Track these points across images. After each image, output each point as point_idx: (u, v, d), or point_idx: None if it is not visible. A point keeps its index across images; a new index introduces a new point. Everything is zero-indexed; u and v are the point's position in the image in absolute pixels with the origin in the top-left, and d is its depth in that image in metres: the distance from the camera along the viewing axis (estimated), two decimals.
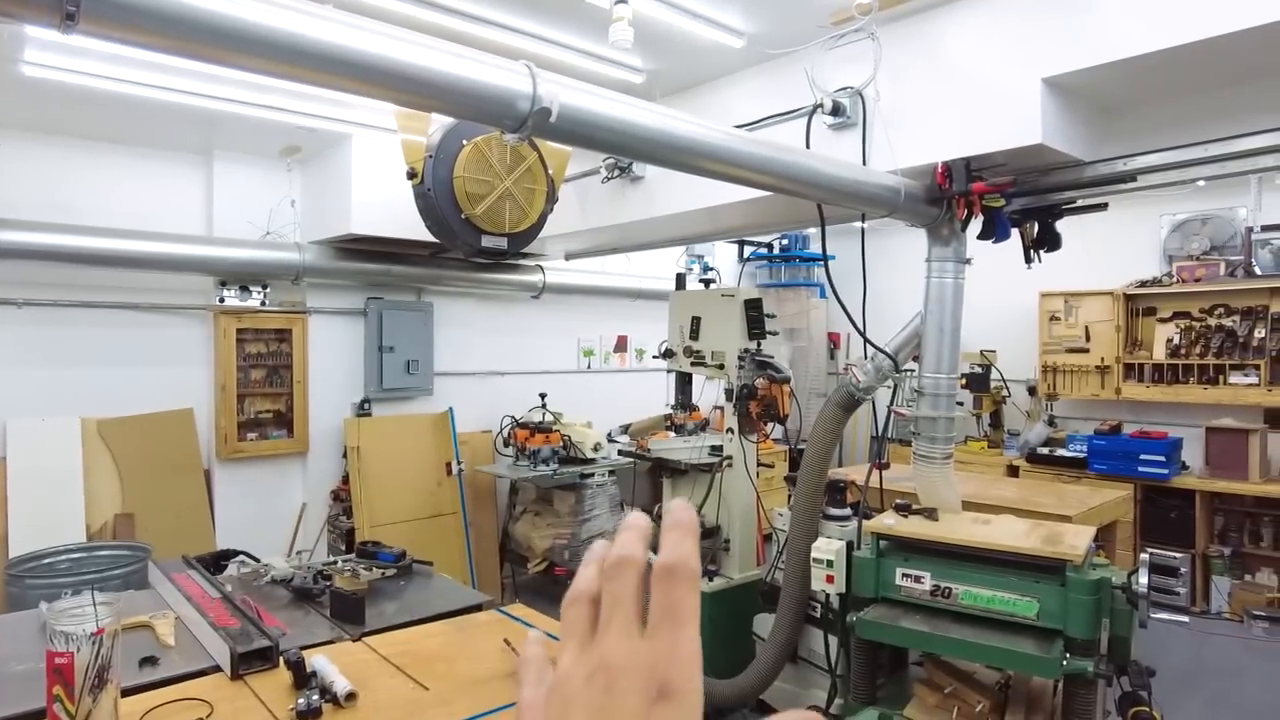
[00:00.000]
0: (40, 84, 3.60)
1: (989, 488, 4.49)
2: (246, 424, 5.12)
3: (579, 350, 6.86)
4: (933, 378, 3.28)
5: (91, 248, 4.20)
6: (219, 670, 1.92)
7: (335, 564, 2.73)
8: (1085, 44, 2.58)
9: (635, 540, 0.39)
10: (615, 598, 0.37)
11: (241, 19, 1.35)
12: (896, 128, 3.11)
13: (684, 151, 2.20)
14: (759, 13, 3.19)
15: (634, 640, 0.36)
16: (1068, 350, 6.17)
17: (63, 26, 1.18)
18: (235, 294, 4.98)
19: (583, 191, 4.78)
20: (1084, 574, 2.58)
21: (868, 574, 2.99)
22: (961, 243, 3.19)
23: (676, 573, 0.36)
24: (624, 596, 0.37)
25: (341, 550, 5.16)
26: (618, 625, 0.36)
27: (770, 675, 3.56)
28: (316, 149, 4.91)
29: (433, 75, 1.64)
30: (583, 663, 0.36)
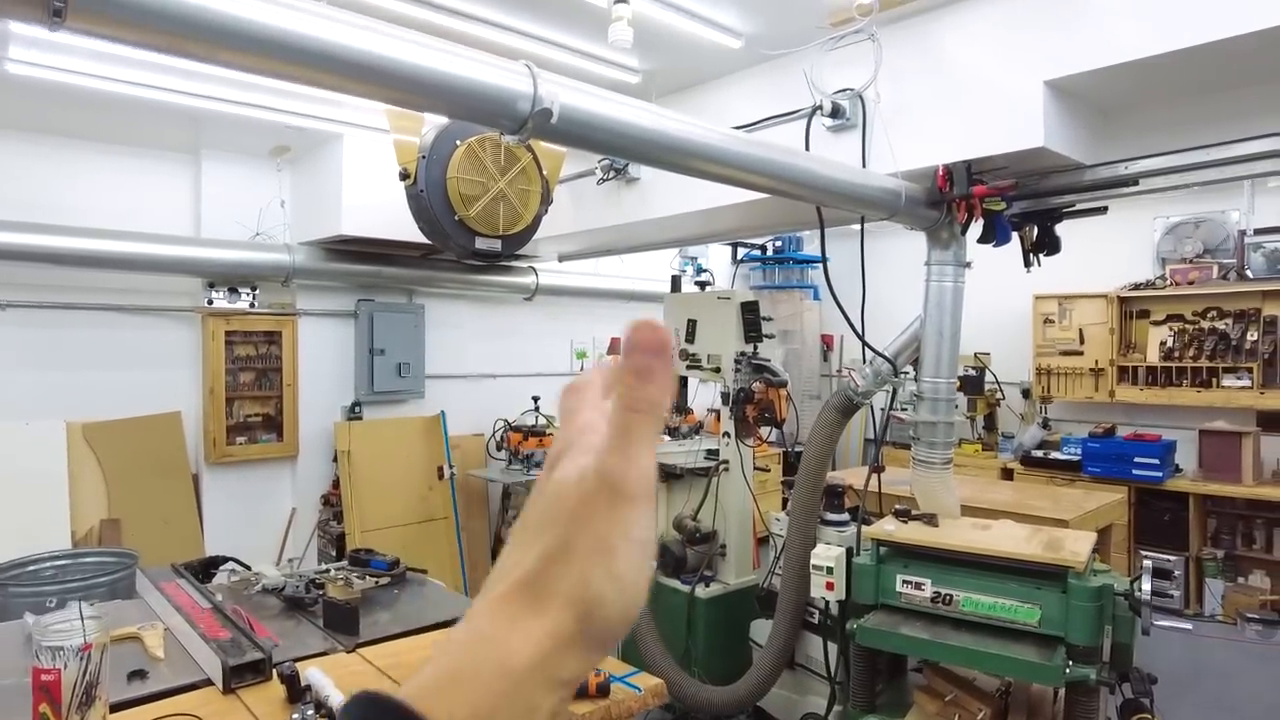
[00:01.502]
0: (25, 81, 3.54)
1: (985, 491, 4.48)
2: (235, 427, 5.05)
3: (573, 352, 6.82)
4: (932, 382, 3.26)
5: (76, 248, 4.13)
6: (210, 684, 1.87)
7: (328, 572, 2.68)
8: (1086, 47, 2.57)
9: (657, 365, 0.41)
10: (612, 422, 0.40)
11: (233, 15, 1.31)
12: (897, 130, 3.08)
13: (686, 154, 2.17)
14: (757, 13, 3.17)
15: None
16: (1062, 353, 6.17)
17: (50, 24, 1.13)
18: (224, 296, 4.91)
19: (577, 193, 4.74)
20: (1086, 581, 2.56)
21: (867, 581, 2.96)
22: (962, 246, 3.18)
23: (639, 401, 0.40)
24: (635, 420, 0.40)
25: (332, 556, 5.10)
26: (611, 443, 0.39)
27: (768, 682, 3.53)
28: (306, 149, 4.85)
29: (430, 75, 1.59)
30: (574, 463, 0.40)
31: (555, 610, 0.36)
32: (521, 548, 0.38)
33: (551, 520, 0.38)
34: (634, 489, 0.38)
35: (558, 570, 0.37)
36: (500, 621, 0.36)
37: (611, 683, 1.95)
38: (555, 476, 0.40)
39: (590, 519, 0.38)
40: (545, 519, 0.39)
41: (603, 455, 0.39)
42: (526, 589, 0.37)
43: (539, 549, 0.38)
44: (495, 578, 0.39)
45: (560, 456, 0.41)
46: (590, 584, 0.37)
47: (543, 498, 0.40)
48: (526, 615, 0.36)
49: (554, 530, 0.38)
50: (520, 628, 0.36)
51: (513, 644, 0.35)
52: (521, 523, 0.40)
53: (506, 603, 0.37)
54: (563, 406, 0.45)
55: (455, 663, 0.35)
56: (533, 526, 0.39)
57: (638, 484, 0.38)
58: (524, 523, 0.40)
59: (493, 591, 0.38)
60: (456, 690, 0.34)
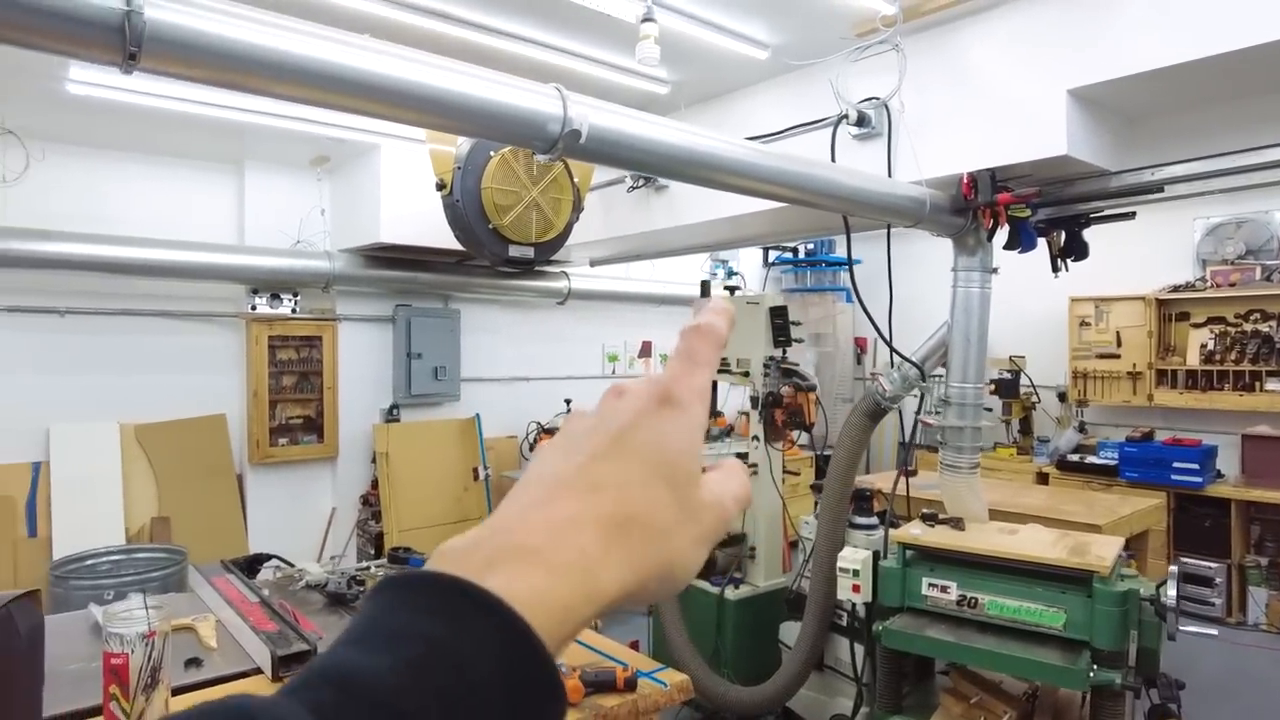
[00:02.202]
0: (84, 101, 3.72)
1: (1016, 495, 4.47)
2: (278, 429, 5.22)
3: (604, 355, 6.91)
4: (959, 387, 3.28)
5: (128, 257, 4.32)
6: (259, 672, 1.97)
7: (368, 569, 2.79)
8: (1109, 56, 2.59)
9: (717, 320, 0.45)
10: (675, 350, 0.44)
11: (284, 51, 1.41)
12: (921, 138, 3.12)
13: (711, 169, 2.24)
14: (783, 25, 3.22)
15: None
16: (1098, 356, 6.10)
17: (125, 66, 1.25)
18: (267, 302, 5.08)
19: (608, 200, 4.82)
20: (1111, 585, 2.57)
21: (894, 583, 2.99)
22: (988, 252, 3.19)
23: (702, 331, 0.44)
24: (681, 350, 0.44)
25: (371, 554, 5.24)
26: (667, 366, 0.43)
27: (796, 683, 3.57)
28: (346, 159, 5.00)
29: (464, 100, 1.68)
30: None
31: (637, 555, 0.37)
32: (600, 457, 0.38)
33: (604, 430, 0.39)
34: (682, 396, 0.40)
35: (635, 494, 0.37)
36: (603, 541, 0.36)
37: (639, 678, 2.02)
38: (604, 402, 0.42)
39: (640, 426, 0.39)
40: (594, 428, 0.40)
41: (659, 374, 0.42)
42: (614, 516, 0.37)
43: (616, 467, 0.38)
44: (571, 473, 0.38)
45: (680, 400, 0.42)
46: (673, 557, 0.38)
47: (589, 416, 0.41)
48: (623, 545, 0.36)
49: (606, 440, 0.39)
50: (617, 557, 0.36)
51: (607, 574, 0.35)
52: (565, 434, 0.41)
53: (599, 524, 0.36)
54: (686, 344, 0.45)
55: (552, 583, 0.34)
56: (581, 435, 0.40)
57: (688, 392, 0.41)
58: (568, 434, 0.41)
59: (569, 495, 0.37)
60: (548, 596, 0.33)
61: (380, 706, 0.28)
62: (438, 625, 0.30)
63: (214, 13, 1.33)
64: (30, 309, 4.44)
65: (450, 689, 0.29)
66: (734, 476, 0.44)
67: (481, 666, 0.30)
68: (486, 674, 0.30)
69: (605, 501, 0.37)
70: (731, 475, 0.44)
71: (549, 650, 0.32)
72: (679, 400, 0.41)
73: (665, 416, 0.40)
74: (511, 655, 0.30)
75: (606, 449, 0.39)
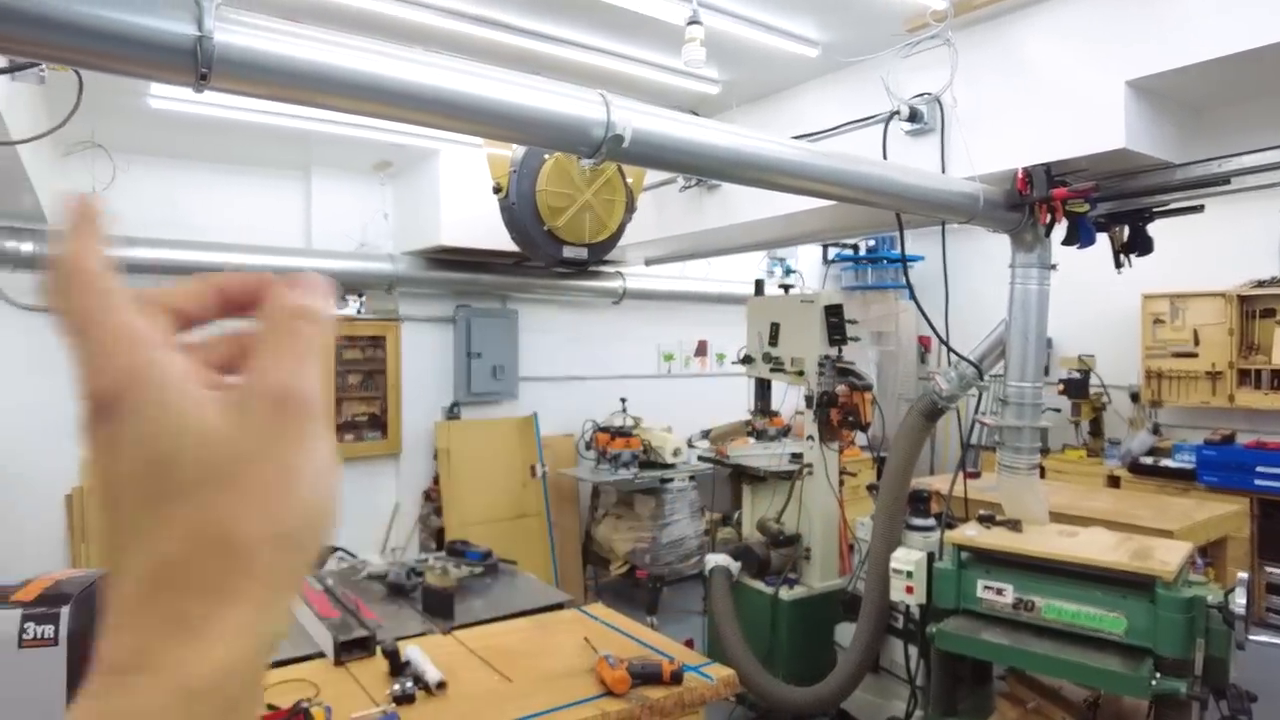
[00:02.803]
0: (163, 115, 3.94)
1: (1083, 499, 4.34)
2: (344, 426, 5.41)
3: (659, 355, 6.94)
4: (1017, 386, 3.21)
5: (205, 261, 4.54)
6: (323, 656, 2.08)
7: (427, 561, 2.89)
8: (1171, 45, 2.49)
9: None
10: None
11: (346, 68, 1.50)
12: (975, 133, 3.06)
13: (756, 169, 2.25)
14: (833, 23, 3.21)
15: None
16: (1174, 355, 5.85)
17: (196, 86, 1.34)
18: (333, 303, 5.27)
19: (661, 199, 4.86)
20: (1175, 591, 2.49)
21: (948, 585, 2.95)
22: (1046, 248, 3.12)
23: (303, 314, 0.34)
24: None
25: (432, 548, 5.39)
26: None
27: (850, 684, 3.55)
28: (407, 164, 5.16)
29: (512, 109, 1.74)
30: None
31: (244, 572, 0.28)
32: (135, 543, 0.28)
33: (191, 472, 0.28)
34: (317, 405, 0.31)
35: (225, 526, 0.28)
36: (154, 644, 0.26)
37: (685, 671, 2.05)
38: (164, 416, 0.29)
39: (268, 450, 0.29)
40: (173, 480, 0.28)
41: (269, 372, 0.31)
42: (178, 579, 0.27)
43: (172, 527, 0.27)
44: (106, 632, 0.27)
45: (120, 396, 0.29)
46: (283, 519, 0.29)
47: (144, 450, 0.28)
48: (198, 614, 0.27)
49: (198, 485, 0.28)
50: (197, 632, 0.26)
51: (188, 662, 0.26)
52: (113, 520, 0.29)
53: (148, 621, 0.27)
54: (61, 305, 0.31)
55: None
56: (141, 504, 0.28)
57: (318, 399, 0.31)
58: (116, 512, 0.29)
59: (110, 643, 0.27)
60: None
61: None
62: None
63: (277, 34, 1.42)
64: None
65: None
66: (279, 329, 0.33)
67: None
68: None
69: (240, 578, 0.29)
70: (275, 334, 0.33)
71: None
72: (315, 412, 0.32)
73: (302, 439, 0.32)
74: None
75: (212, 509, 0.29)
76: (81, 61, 1.31)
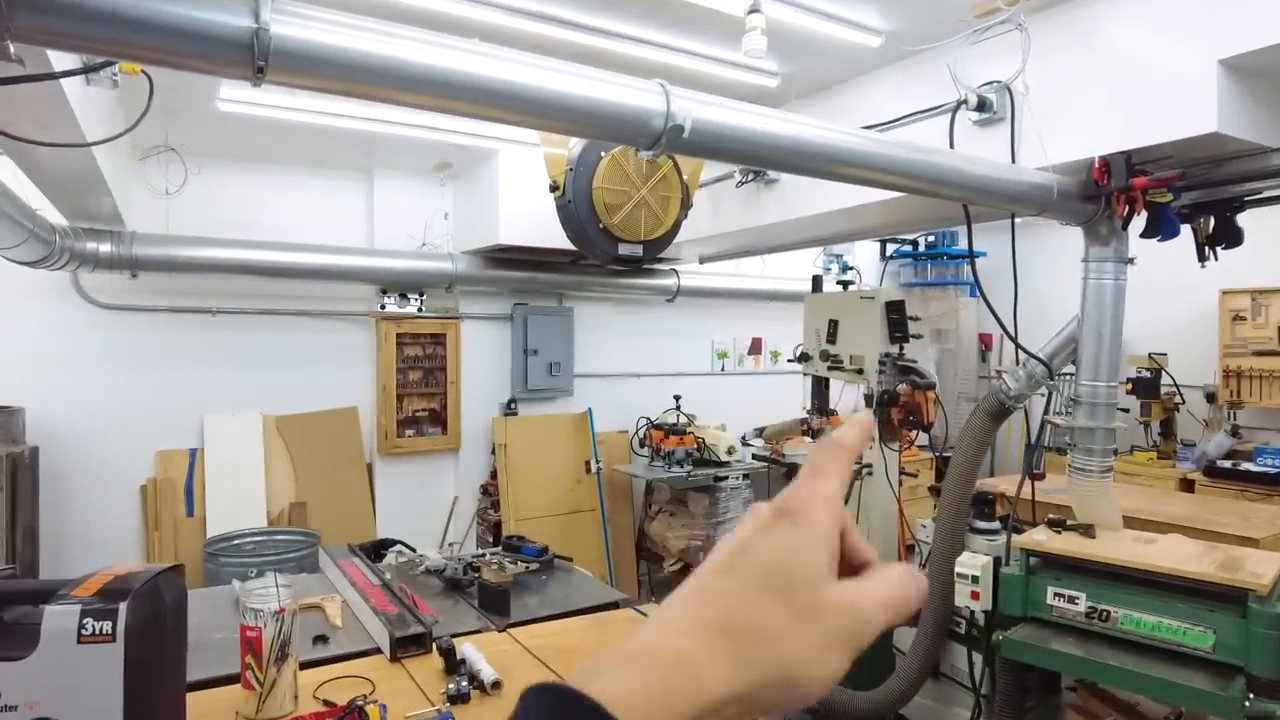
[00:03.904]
0: (232, 117, 4.05)
1: (1157, 503, 4.14)
2: (404, 421, 5.50)
3: (713, 352, 6.89)
4: (1090, 385, 3.07)
5: (272, 261, 4.66)
6: (379, 652, 2.09)
7: (483, 556, 2.90)
8: (1271, 19, 2.33)
9: (847, 431, 0.49)
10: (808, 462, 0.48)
11: (403, 59, 1.50)
12: (1048, 122, 2.93)
13: (819, 158, 2.19)
14: (896, 10, 3.11)
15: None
16: (1255, 353, 5.55)
17: (254, 79, 1.35)
18: (395, 301, 5.36)
19: (716, 196, 4.80)
20: (1271, 606, 2.34)
21: (1015, 592, 2.84)
22: (1122, 241, 2.97)
23: (829, 442, 0.48)
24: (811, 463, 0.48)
25: (489, 541, 5.45)
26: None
27: (910, 690, 3.46)
28: (467, 165, 5.21)
29: (570, 100, 1.72)
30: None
31: (753, 657, 0.39)
32: (716, 572, 0.43)
33: (724, 549, 0.44)
34: (799, 505, 0.43)
35: (764, 616, 0.40)
36: (705, 642, 0.39)
37: None
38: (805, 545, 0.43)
39: (820, 616, 0.41)
40: (718, 548, 0.44)
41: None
42: (731, 612, 0.40)
43: (727, 580, 0.42)
44: (690, 590, 0.43)
45: (798, 512, 0.44)
46: (794, 666, 0.40)
47: (779, 548, 0.43)
48: (729, 648, 0.39)
49: (723, 557, 0.43)
50: (721, 657, 0.39)
51: (711, 671, 0.38)
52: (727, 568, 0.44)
53: (712, 628, 0.40)
54: (810, 460, 0.48)
55: (655, 679, 0.37)
56: (750, 571, 0.43)
57: (808, 499, 0.43)
58: (732, 568, 0.43)
59: (684, 608, 0.42)
60: (650, 704, 0.36)
61: None
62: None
63: (335, 25, 1.43)
64: (188, 309, 4.86)
65: None
66: (888, 582, 0.45)
67: None
68: None
69: (712, 611, 0.41)
70: (885, 580, 0.45)
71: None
72: (794, 510, 0.44)
73: (779, 528, 0.43)
74: None
75: (721, 564, 0.43)
76: (140, 56, 1.33)
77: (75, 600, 1.02)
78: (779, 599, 0.41)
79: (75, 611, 1.01)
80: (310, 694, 1.78)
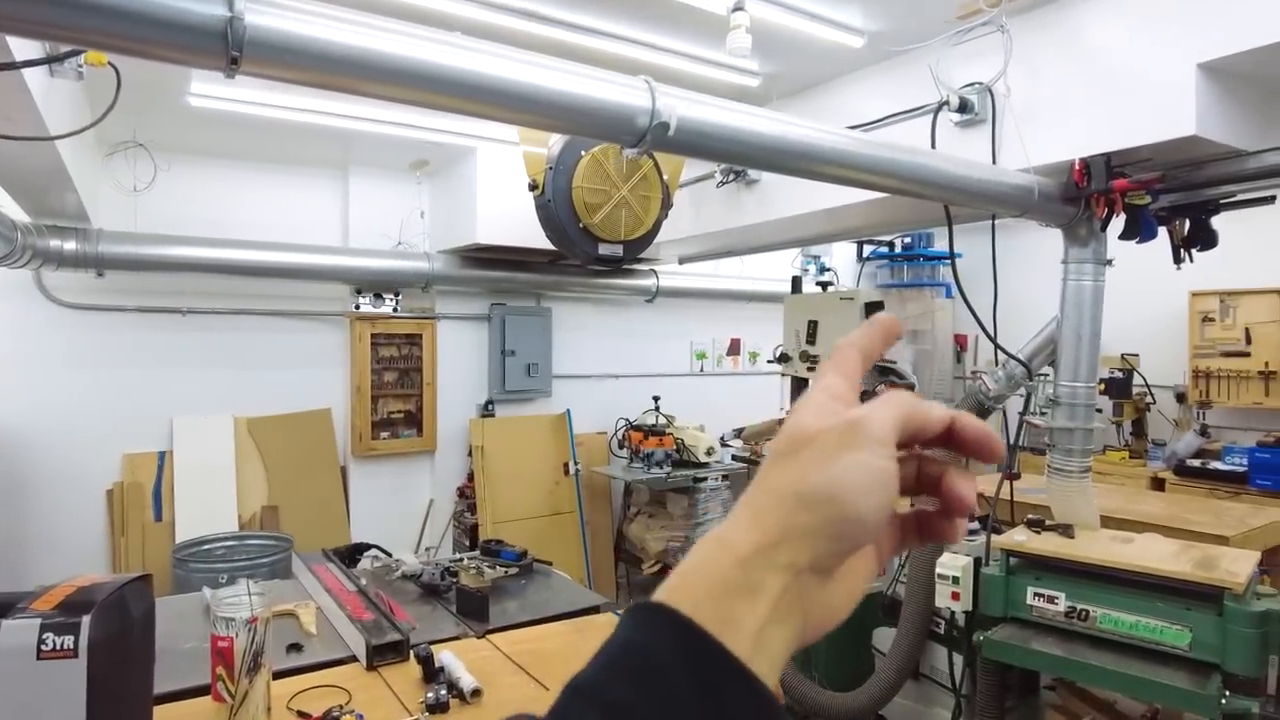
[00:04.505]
0: (203, 112, 3.95)
1: (1132, 502, 4.18)
2: (379, 423, 5.42)
3: (692, 353, 6.88)
4: (1069, 386, 3.09)
5: (244, 260, 4.56)
6: (355, 660, 2.04)
7: (461, 561, 2.85)
8: (1249, 23, 2.35)
9: (862, 335, 0.53)
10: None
11: (382, 52, 1.45)
12: (1029, 123, 2.94)
13: (804, 158, 2.17)
14: (879, 11, 3.10)
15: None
16: (1223, 354, 5.65)
17: (228, 71, 1.30)
18: (370, 301, 5.28)
19: (697, 196, 4.78)
20: (1247, 605, 2.36)
21: (996, 592, 2.85)
22: (1101, 243, 2.99)
23: (844, 343, 0.52)
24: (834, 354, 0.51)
25: (466, 545, 5.38)
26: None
27: (890, 691, 3.46)
28: (444, 163, 5.14)
29: (553, 95, 1.68)
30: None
31: (775, 507, 0.42)
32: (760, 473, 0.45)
33: (787, 446, 0.44)
34: (870, 428, 0.43)
35: (781, 475, 0.43)
36: (730, 524, 0.42)
37: None
38: (798, 419, 0.45)
39: (818, 440, 0.43)
40: (781, 448, 0.44)
41: (864, 409, 0.45)
42: (752, 496, 0.43)
43: (768, 466, 0.44)
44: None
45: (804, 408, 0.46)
46: (806, 479, 0.42)
47: (783, 433, 0.45)
48: (751, 515, 0.42)
49: (787, 452, 0.44)
50: (745, 524, 0.42)
51: (737, 537, 0.41)
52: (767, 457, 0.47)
53: (738, 511, 0.43)
54: (832, 357, 0.51)
55: (693, 560, 0.42)
56: (770, 456, 0.45)
57: (874, 425, 0.43)
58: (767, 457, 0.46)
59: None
60: (694, 578, 0.41)
61: (589, 699, 0.38)
62: (626, 630, 0.40)
63: (311, 16, 1.38)
64: (157, 309, 4.75)
65: (634, 668, 0.38)
66: (886, 402, 0.46)
67: (658, 648, 0.38)
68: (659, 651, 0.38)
69: (773, 508, 0.43)
70: (883, 401, 0.46)
71: (691, 615, 0.39)
72: (864, 429, 0.44)
73: (845, 439, 0.43)
74: (673, 633, 0.39)
75: (783, 463, 0.44)
76: (107, 44, 1.27)
77: (35, 614, 0.97)
78: (783, 458, 0.43)
79: (35, 626, 0.95)
80: (284, 705, 1.73)
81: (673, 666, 0.37)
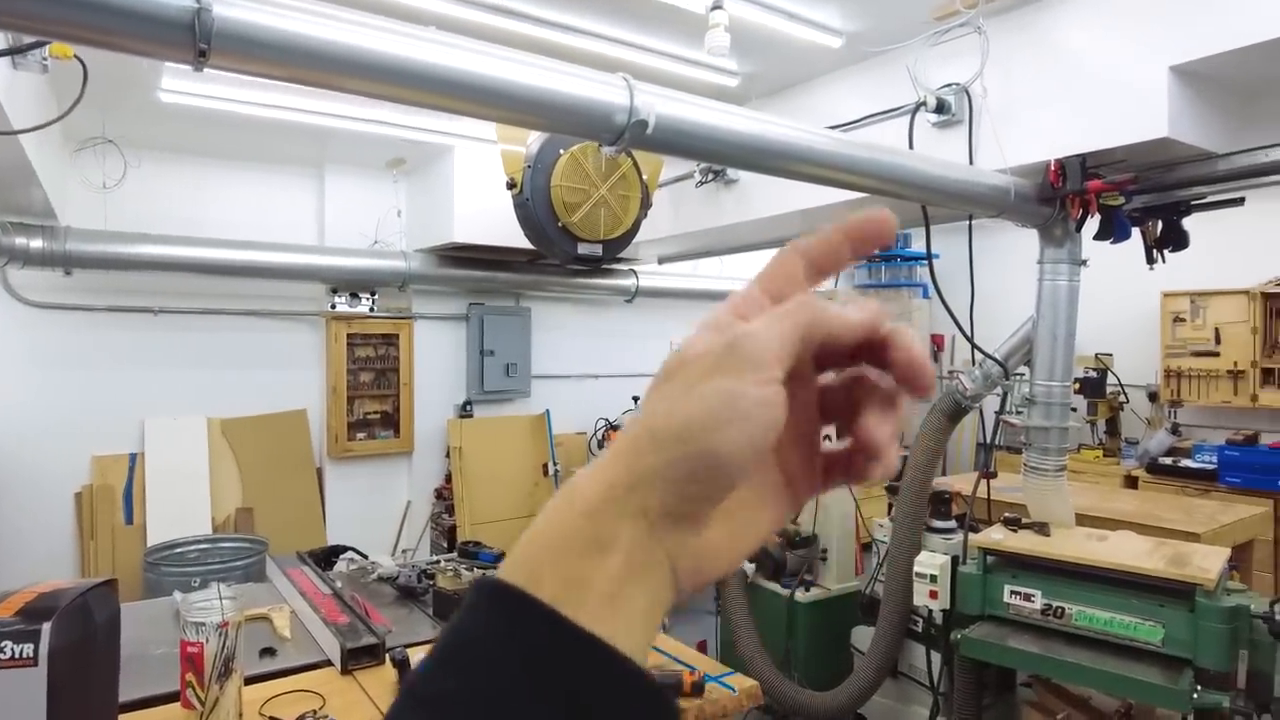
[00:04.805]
0: (174, 108, 3.88)
1: (1106, 500, 4.23)
2: (356, 424, 5.36)
3: (672, 353, 6.86)
4: (1045, 385, 3.12)
5: (217, 258, 4.49)
6: (330, 664, 2.01)
7: (438, 563, 2.82)
8: (1218, 27, 2.39)
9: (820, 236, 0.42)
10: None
11: (352, 45, 1.42)
12: (1006, 124, 2.97)
13: (782, 157, 2.17)
14: (858, 11, 3.12)
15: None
16: (1194, 354, 5.73)
17: (196, 63, 1.27)
18: (346, 300, 5.22)
19: (676, 196, 4.78)
20: (1217, 600, 2.39)
21: (973, 590, 2.87)
22: (1076, 243, 3.03)
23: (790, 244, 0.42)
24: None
25: (443, 547, 5.33)
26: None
27: (869, 690, 3.47)
28: (421, 161, 5.09)
29: (530, 91, 1.67)
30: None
31: (630, 446, 0.37)
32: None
33: (664, 373, 0.39)
34: (746, 348, 0.36)
35: (648, 406, 0.38)
36: (587, 468, 0.38)
37: (706, 682, 1.98)
38: (688, 339, 0.40)
39: (691, 364, 0.37)
40: (660, 375, 0.39)
41: (748, 325, 0.38)
42: (620, 434, 0.39)
43: (643, 398, 0.39)
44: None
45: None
46: (660, 412, 0.36)
47: (667, 358, 0.40)
48: (610, 457, 0.37)
49: (663, 381, 0.38)
50: (600, 468, 0.37)
51: (588, 485, 0.37)
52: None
53: (602, 453, 0.39)
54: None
55: (542, 515, 0.38)
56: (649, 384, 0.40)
57: (752, 345, 0.36)
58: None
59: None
60: (540, 536, 0.37)
61: (415, 695, 0.34)
62: (460, 611, 0.36)
63: (282, 8, 1.35)
64: (127, 308, 4.66)
65: (458, 655, 0.34)
66: (777, 314, 0.38)
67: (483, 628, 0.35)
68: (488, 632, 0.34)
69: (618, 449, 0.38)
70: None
71: (528, 580, 0.35)
72: (738, 350, 0.37)
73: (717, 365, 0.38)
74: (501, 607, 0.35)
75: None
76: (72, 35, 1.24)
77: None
78: (655, 388, 0.38)
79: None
80: (256, 710, 1.69)
81: (496, 648, 0.33)
